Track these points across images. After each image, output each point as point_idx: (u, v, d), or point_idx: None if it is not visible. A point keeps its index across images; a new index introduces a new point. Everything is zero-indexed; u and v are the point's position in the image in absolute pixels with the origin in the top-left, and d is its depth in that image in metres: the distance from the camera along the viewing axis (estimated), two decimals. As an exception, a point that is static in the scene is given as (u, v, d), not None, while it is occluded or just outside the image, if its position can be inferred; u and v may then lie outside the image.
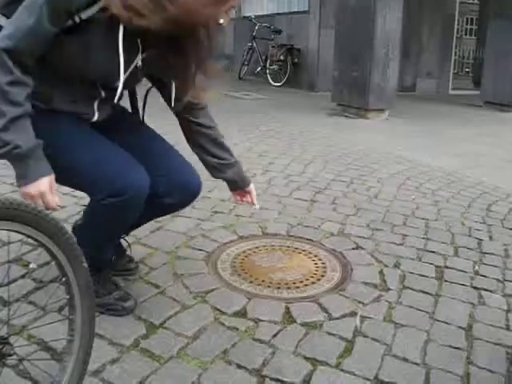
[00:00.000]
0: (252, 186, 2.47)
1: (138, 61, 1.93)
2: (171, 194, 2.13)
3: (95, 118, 2.05)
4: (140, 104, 2.29)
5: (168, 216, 3.13)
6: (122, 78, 1.88)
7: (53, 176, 1.78)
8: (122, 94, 2.02)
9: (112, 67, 1.84)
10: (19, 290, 2.32)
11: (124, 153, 2.02)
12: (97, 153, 1.98)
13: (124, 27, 1.77)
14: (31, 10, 1.69)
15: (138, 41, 1.87)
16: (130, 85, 2.06)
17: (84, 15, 1.73)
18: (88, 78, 1.92)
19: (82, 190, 2.14)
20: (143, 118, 2.29)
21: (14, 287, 2.35)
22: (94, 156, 1.96)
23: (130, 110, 2.31)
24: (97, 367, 1.85)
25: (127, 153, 2.02)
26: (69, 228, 2.39)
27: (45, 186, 1.72)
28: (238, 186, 2.44)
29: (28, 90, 1.74)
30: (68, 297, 1.57)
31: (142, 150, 2.09)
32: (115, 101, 2.02)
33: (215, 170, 2.34)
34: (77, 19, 1.73)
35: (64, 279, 1.55)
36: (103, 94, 2.01)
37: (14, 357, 1.49)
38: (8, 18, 1.79)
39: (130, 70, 1.92)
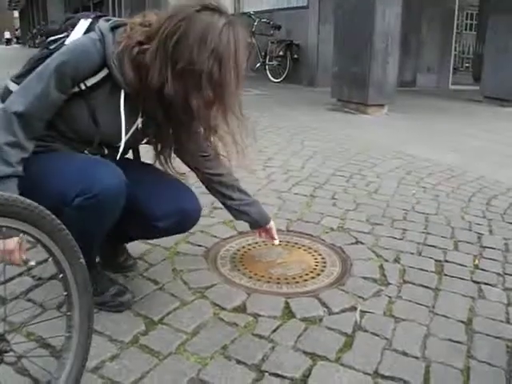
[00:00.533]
0: (272, 224, 2.60)
1: (139, 123, 2.08)
2: (166, 217, 2.15)
3: None
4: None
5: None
6: (124, 139, 2.02)
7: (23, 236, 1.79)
8: (124, 152, 2.16)
9: (114, 129, 2.00)
10: (18, 288, 2.32)
11: (95, 157, 2.05)
12: (65, 160, 2.01)
13: (125, 92, 1.96)
14: (41, 78, 1.87)
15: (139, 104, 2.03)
16: (131, 144, 2.18)
17: (89, 83, 1.93)
18: (92, 138, 2.05)
19: (54, 206, 2.05)
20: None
21: (13, 285, 2.35)
22: (62, 163, 1.99)
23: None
24: (96, 364, 1.85)
25: (100, 158, 2.06)
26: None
27: (13, 244, 1.68)
28: (259, 224, 2.57)
29: (24, 155, 1.85)
30: (65, 293, 1.56)
31: (138, 177, 2.11)
32: (117, 158, 2.08)
33: (236, 212, 2.48)
34: (82, 86, 1.93)
35: (61, 276, 1.54)
36: (106, 151, 2.13)
37: (12, 354, 1.48)
38: (18, 84, 1.96)
39: (131, 131, 2.06)
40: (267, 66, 12.57)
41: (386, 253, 2.88)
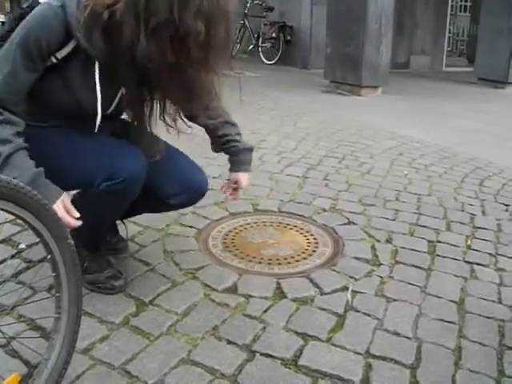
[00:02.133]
0: (236, 178, 2.42)
1: (123, 90, 1.97)
2: (177, 194, 2.15)
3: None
4: None
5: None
6: (99, 112, 1.92)
7: (64, 195, 1.79)
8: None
9: (94, 99, 1.90)
10: (9, 270, 2.30)
11: (117, 140, 2.02)
12: (88, 144, 1.97)
13: (99, 61, 1.83)
14: (7, 59, 1.75)
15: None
16: (120, 110, 2.09)
17: (60, 55, 1.80)
18: (75, 108, 1.94)
19: (78, 187, 2.07)
20: None
21: (4, 267, 2.33)
22: (86, 147, 1.96)
23: None
24: (86, 345, 1.85)
25: (121, 140, 2.02)
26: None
27: (60, 210, 1.71)
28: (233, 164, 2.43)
29: (18, 129, 1.79)
30: (54, 274, 1.55)
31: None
32: (95, 130, 1.99)
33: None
34: (53, 59, 1.80)
35: (49, 256, 1.52)
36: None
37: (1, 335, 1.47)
38: None
39: (117, 99, 1.98)
40: (260, 48, 12.48)
41: (378, 233, 2.87)
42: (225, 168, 2.49)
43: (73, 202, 2.47)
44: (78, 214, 1.77)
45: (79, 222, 1.76)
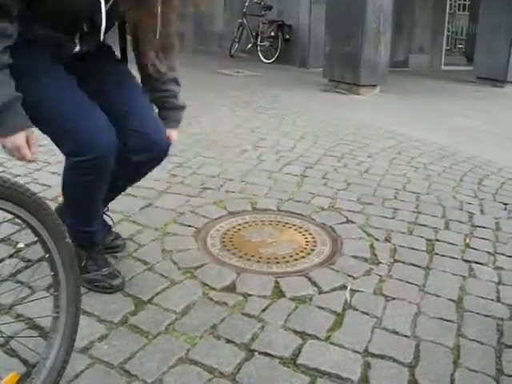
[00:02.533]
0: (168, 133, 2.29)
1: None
2: (140, 150, 2.08)
3: (76, 49, 2.02)
4: (129, 47, 2.24)
5: (157, 193, 3.13)
6: (104, 10, 1.86)
7: (31, 129, 1.77)
8: (106, 30, 2.00)
9: (91, 1, 1.83)
10: (7, 270, 2.30)
11: (95, 109, 1.98)
12: (67, 105, 1.95)
13: None
14: None
15: None
16: (111, 20, 2.02)
17: None
18: (68, 10, 1.87)
19: (48, 136, 2.02)
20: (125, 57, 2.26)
21: (2, 266, 2.33)
22: (64, 108, 1.94)
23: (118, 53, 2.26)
24: (85, 344, 1.85)
25: (98, 109, 1.99)
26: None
27: (20, 140, 1.71)
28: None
29: (7, 43, 1.71)
30: (52, 273, 1.55)
31: (117, 102, 2.07)
32: (101, 36, 1.96)
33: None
34: None
35: (47, 256, 1.52)
36: (85, 28, 1.97)
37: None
38: None
39: (109, 3, 1.89)
40: (259, 47, 12.45)
41: (377, 232, 2.87)
42: (224, 167, 2.48)
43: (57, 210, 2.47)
44: (36, 151, 1.77)
45: (34, 158, 1.78)
